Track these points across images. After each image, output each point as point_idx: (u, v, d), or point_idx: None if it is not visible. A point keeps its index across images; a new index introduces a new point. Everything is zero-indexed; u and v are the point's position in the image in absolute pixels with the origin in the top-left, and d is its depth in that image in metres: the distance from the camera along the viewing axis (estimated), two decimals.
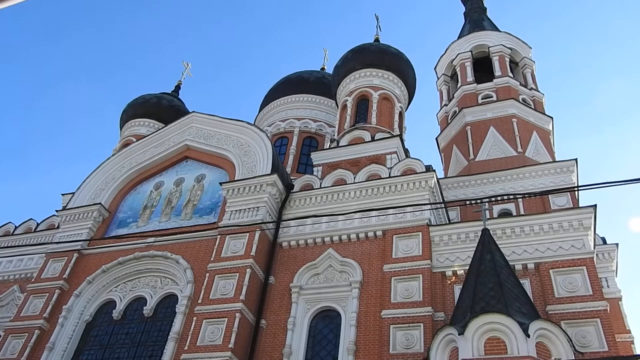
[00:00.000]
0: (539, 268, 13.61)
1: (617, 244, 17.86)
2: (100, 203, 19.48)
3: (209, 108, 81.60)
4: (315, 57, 61.93)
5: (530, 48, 26.43)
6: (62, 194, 23.49)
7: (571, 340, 10.67)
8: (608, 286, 16.83)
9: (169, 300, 16.22)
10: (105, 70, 74.54)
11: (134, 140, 24.59)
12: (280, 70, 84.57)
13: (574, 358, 10.07)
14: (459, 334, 10.64)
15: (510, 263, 13.25)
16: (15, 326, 16.81)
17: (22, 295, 18.05)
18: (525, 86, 24.55)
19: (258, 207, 16.66)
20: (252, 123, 20.54)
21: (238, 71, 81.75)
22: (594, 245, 14.11)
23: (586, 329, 12.04)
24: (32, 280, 18.24)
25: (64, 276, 17.62)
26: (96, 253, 18.15)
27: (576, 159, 19.34)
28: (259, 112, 30.76)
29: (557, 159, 20.89)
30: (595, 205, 14.00)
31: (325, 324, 14.65)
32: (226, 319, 14.14)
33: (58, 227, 20.00)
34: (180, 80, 33.29)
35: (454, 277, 14.23)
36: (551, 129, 22.83)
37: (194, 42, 77.27)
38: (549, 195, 17.87)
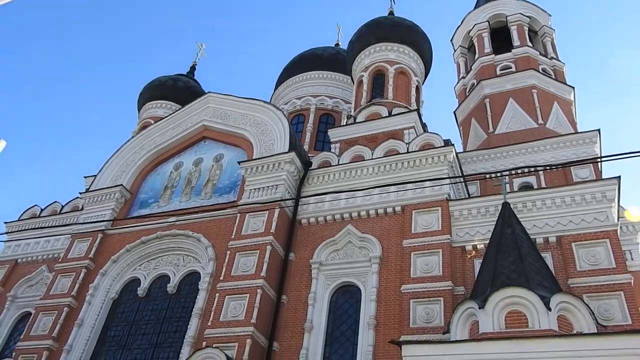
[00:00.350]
0: (561, 241, 13.49)
1: None
2: (121, 185, 19.80)
3: (225, 88, 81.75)
4: (329, 33, 61.55)
5: (550, 16, 25.74)
6: (85, 177, 23.90)
7: (593, 314, 10.61)
8: (632, 259, 16.61)
9: (192, 278, 16.54)
10: (122, 54, 74.87)
11: (152, 122, 24.78)
12: (294, 48, 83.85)
13: (596, 331, 10.02)
14: (479, 308, 10.65)
15: (532, 237, 13.15)
16: (45, 304, 17.34)
17: (51, 275, 18.57)
18: (545, 55, 24.00)
19: (277, 185, 16.75)
20: (268, 102, 20.55)
21: (252, 50, 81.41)
22: (618, 217, 13.89)
23: (609, 302, 11.94)
24: (60, 260, 18.72)
25: (90, 256, 18.05)
26: (120, 233, 18.52)
27: (599, 130, 18.97)
28: (275, 90, 30.68)
29: (579, 130, 20.51)
30: (619, 177, 13.75)
31: (345, 299, 14.81)
32: (248, 295, 14.38)
33: (82, 209, 20.41)
34: (195, 62, 33.31)
35: (474, 252, 14.19)
36: (573, 99, 22.35)
37: (208, 22, 76.98)
38: (571, 167, 17.59)
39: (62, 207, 21.89)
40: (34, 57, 66.50)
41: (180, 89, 29.50)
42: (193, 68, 32.91)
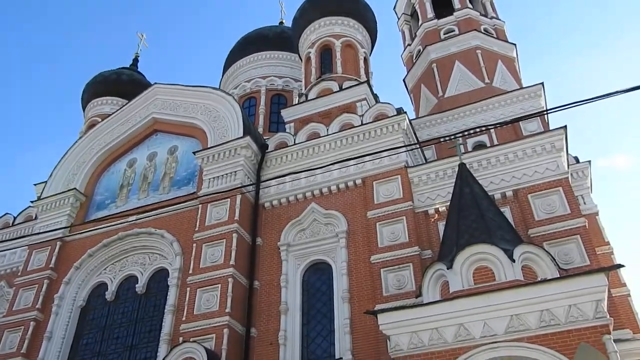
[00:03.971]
0: (518, 194, 13.95)
1: (589, 161, 18.28)
2: (75, 188, 19.16)
3: (171, 78, 79.77)
4: (273, 12, 60.42)
5: None
6: (35, 184, 23.01)
7: (555, 259, 11.07)
8: (585, 203, 17.33)
9: (160, 275, 16.29)
10: (58, 51, 71.74)
11: (99, 120, 23.95)
12: (238, 29, 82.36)
13: (558, 275, 10.46)
14: (447, 269, 10.94)
15: (490, 193, 13.55)
16: (9, 321, 16.77)
17: (11, 290, 17.91)
18: (486, 15, 24.38)
19: (235, 172, 16.57)
20: (217, 87, 20.16)
21: (195, 35, 79.49)
22: (568, 165, 14.45)
23: (568, 246, 12.50)
24: (19, 273, 18.07)
25: (51, 265, 17.51)
26: (79, 238, 17.99)
27: (542, 83, 19.50)
28: (223, 75, 30.12)
29: (524, 86, 21.04)
30: (565, 127, 14.25)
31: (317, 277, 14.92)
32: (219, 285, 14.29)
33: (36, 218, 19.68)
34: (137, 53, 32.25)
35: (436, 215, 14.51)
36: (515, 56, 22.87)
37: (146, 11, 74.52)
38: (520, 123, 18.06)
39: (15, 218, 21.07)
40: None
41: (124, 83, 28.52)
42: (136, 60, 31.86)
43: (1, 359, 15.93)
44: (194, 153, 17.58)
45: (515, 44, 22.91)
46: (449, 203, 13.30)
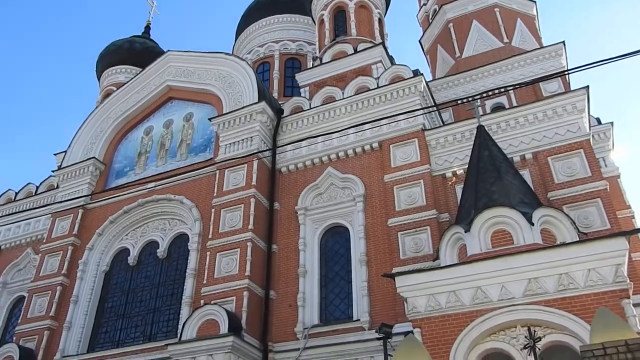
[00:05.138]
0: (537, 157, 13.76)
1: (611, 123, 17.87)
2: (94, 157, 19.41)
3: (184, 45, 78.98)
4: None
5: None
6: (55, 154, 23.33)
7: (574, 223, 10.99)
8: (606, 165, 17.00)
9: (181, 240, 16.59)
10: (70, 22, 71.39)
11: (114, 89, 23.99)
12: None
13: (578, 239, 10.40)
14: (465, 232, 10.94)
15: (508, 156, 13.39)
16: (37, 286, 17.31)
17: (37, 257, 18.41)
18: None
19: (252, 137, 16.58)
20: (231, 53, 19.98)
21: (205, 0, 78.30)
22: (589, 127, 14.15)
23: (588, 209, 12.36)
24: (44, 241, 18.53)
25: (74, 232, 17.91)
26: (100, 206, 18.31)
27: (563, 42, 18.97)
28: (235, 40, 29.79)
29: (544, 45, 20.49)
30: (588, 87, 13.90)
31: (335, 240, 15.06)
32: (238, 249, 14.51)
33: (58, 187, 20.03)
34: (148, 20, 32.00)
35: (454, 178, 14.43)
36: (535, 13, 22.20)
37: None
38: (540, 83, 17.68)
39: (37, 187, 21.47)
40: None
41: (138, 51, 28.41)
42: (147, 27, 31.63)
43: (31, 322, 16.52)
44: (209, 120, 17.60)
45: (535, 1, 22.20)
46: (466, 166, 13.18)
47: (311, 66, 21.11)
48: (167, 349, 13.20)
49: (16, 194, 21.69)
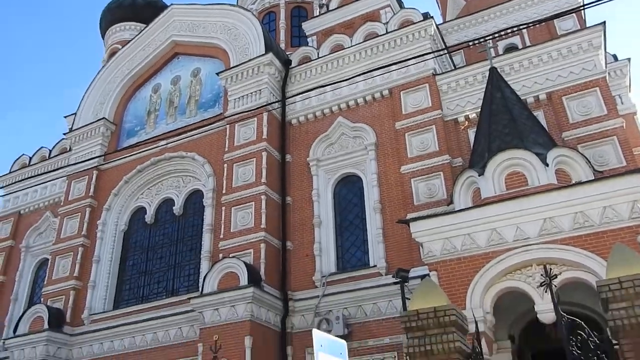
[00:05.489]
0: (551, 97, 13.49)
1: (629, 59, 17.36)
2: (104, 118, 19.41)
3: None
4: None
5: None
6: (65, 116, 23.36)
7: (589, 162, 10.86)
8: (622, 103, 16.63)
9: (195, 196, 16.75)
10: None
11: (120, 47, 23.64)
12: None
13: (593, 178, 10.30)
14: (479, 175, 10.89)
15: (522, 97, 13.16)
16: (59, 248, 17.71)
17: (57, 220, 18.75)
18: None
19: (260, 90, 16.41)
20: (235, 4, 19.55)
21: None
22: (605, 64, 13.77)
23: (603, 148, 12.18)
24: (61, 203, 18.82)
25: (90, 194, 18.14)
26: (114, 166, 18.45)
27: None
28: None
29: None
30: (604, 22, 13.44)
31: (348, 190, 15.11)
32: (253, 202, 14.64)
33: (70, 150, 20.16)
34: None
35: (467, 122, 14.24)
36: None
37: None
38: (555, 21, 17.14)
39: (50, 151, 21.63)
40: None
41: (140, 7, 27.76)
42: None
43: (57, 283, 17.00)
44: (217, 74, 17.41)
45: None
46: (479, 110, 12.98)
47: (318, 14, 20.62)
48: (190, 302, 13.57)
49: (30, 158, 21.90)
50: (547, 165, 10.39)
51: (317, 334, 5.35)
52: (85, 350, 15.60)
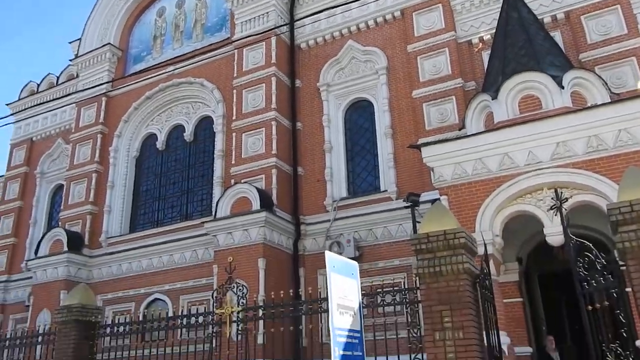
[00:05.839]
0: (570, 16, 12.99)
1: None
2: (109, 43, 19.05)
3: None
4: None
5: None
6: (70, 42, 22.87)
7: (606, 83, 10.62)
8: None
9: (206, 123, 16.75)
10: None
11: None
12: None
13: (609, 100, 10.11)
14: (492, 99, 10.71)
15: (539, 17, 12.69)
16: (73, 174, 18.01)
17: (69, 146, 18.93)
18: None
19: (268, 13, 15.92)
20: None
21: None
22: None
23: (621, 69, 11.85)
24: (72, 130, 18.91)
25: (100, 121, 18.18)
26: (122, 93, 18.34)
27: None
28: None
29: None
30: None
31: (359, 115, 15.01)
32: (263, 128, 14.63)
33: (78, 76, 19.96)
34: None
35: (481, 44, 13.83)
36: None
37: None
38: None
39: (57, 78, 21.42)
40: None
41: None
42: None
43: (73, 208, 17.43)
44: None
45: None
46: (494, 31, 12.56)
47: None
48: (204, 226, 13.92)
49: (38, 85, 21.75)
50: (562, 87, 10.17)
51: (329, 255, 5.49)
52: (105, 271, 16.27)
